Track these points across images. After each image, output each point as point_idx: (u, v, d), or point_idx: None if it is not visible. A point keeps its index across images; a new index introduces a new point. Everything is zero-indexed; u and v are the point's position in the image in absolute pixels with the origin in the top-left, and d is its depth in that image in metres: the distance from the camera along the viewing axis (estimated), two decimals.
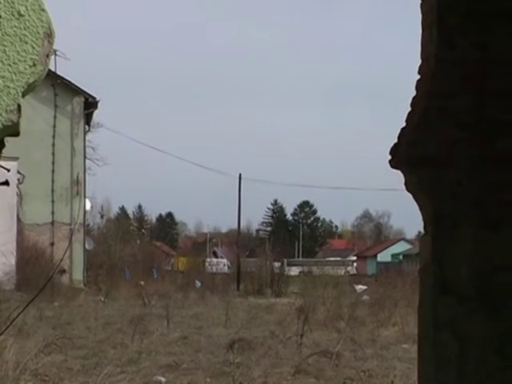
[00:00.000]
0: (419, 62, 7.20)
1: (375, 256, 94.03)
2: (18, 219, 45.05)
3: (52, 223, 49.23)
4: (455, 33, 6.84)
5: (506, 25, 6.76)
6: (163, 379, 18.42)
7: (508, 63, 6.73)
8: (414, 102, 7.05)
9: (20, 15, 3.67)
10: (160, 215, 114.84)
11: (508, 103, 6.72)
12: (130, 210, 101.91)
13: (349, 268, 77.62)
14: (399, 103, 7.36)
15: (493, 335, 6.74)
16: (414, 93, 7.09)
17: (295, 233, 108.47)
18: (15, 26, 3.67)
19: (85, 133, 52.16)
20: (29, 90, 3.73)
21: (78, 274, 47.86)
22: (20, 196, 44.93)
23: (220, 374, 18.94)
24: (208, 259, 74.55)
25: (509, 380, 6.66)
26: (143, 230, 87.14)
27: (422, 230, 7.36)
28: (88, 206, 55.52)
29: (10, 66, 3.67)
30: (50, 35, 3.70)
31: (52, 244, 47.51)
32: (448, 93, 6.82)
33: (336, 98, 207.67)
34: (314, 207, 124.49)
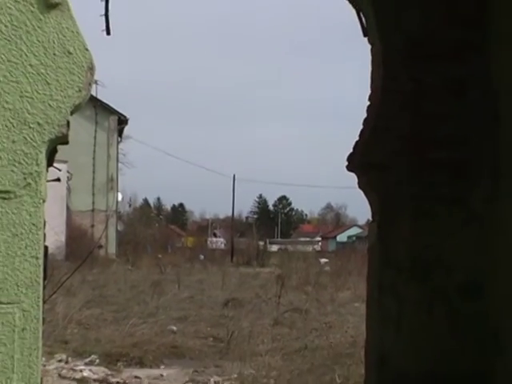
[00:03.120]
0: (369, 91, 7.22)
1: (335, 237, 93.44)
2: (67, 207, 44.97)
3: (92, 210, 49.07)
4: (397, 70, 6.82)
5: (435, 64, 6.77)
6: (175, 328, 18.39)
7: (435, 93, 6.74)
8: (365, 122, 7.04)
9: (69, 53, 3.65)
10: (174, 205, 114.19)
11: (435, 123, 6.74)
12: (151, 201, 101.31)
13: (315, 246, 77.05)
14: (354, 122, 7.37)
15: (423, 298, 6.74)
16: (365, 115, 7.11)
17: (275, 219, 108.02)
18: (66, 62, 3.65)
19: (117, 143, 51.93)
20: (75, 109, 3.71)
21: (112, 249, 47.68)
22: (68, 189, 44.77)
23: (218, 325, 18.93)
24: (209, 238, 74.04)
25: (434, 332, 6.68)
26: (161, 216, 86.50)
27: (371, 218, 7.39)
28: (119, 197, 55.18)
29: (61, 91, 3.65)
30: (91, 68, 3.67)
31: (92, 226, 47.34)
32: (391, 115, 6.81)
33: (308, 116, 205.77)
34: (290, 200, 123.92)
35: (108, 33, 7.48)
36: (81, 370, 13.59)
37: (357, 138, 7.03)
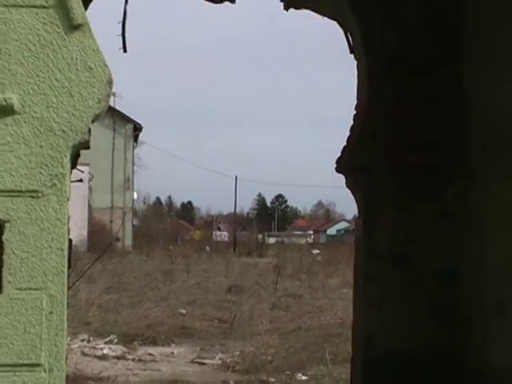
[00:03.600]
0: (355, 102, 7.23)
1: (325, 231, 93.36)
2: (89, 204, 44.99)
3: (111, 207, 49.05)
4: (380, 83, 6.81)
5: (413, 78, 6.77)
6: (184, 311, 18.41)
7: (414, 104, 6.74)
8: (352, 129, 7.05)
9: (90, 69, 3.65)
10: (183, 203, 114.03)
11: (414, 130, 6.73)
12: (163, 199, 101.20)
13: (308, 239, 76.89)
14: (342, 130, 7.38)
15: (403, 285, 6.72)
16: (351, 123, 7.12)
17: (272, 215, 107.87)
18: (87, 76, 3.65)
19: (133, 148, 51.93)
20: (96, 118, 3.71)
21: (128, 241, 47.66)
22: (90, 189, 44.77)
23: (222, 308, 18.96)
24: (214, 232, 73.98)
25: (413, 315, 6.69)
26: (171, 213, 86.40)
27: (357, 214, 7.40)
28: (135, 196, 55.22)
29: (83, 102, 3.65)
30: (110, 82, 3.67)
31: (111, 221, 47.27)
32: (375, 123, 6.81)
33: (302, 125, 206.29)
34: (285, 198, 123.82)
35: (125, 51, 7.50)
36: (101, 348, 13.62)
37: (344, 144, 7.05)
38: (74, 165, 4.03)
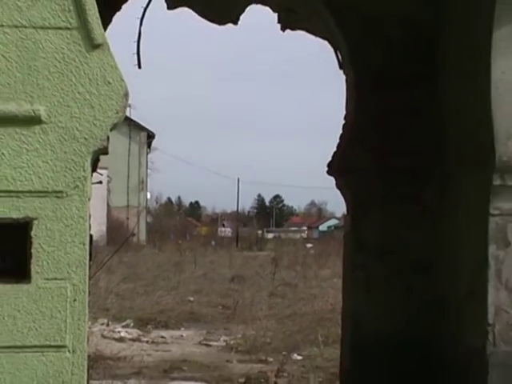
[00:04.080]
0: (344, 112, 7.23)
1: (317, 227, 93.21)
2: (107, 204, 44.98)
3: (127, 206, 48.97)
4: (366, 95, 6.81)
5: (396, 91, 6.76)
6: (192, 298, 18.40)
7: (396, 114, 6.72)
8: (342, 136, 7.04)
9: (109, 83, 3.64)
10: (191, 202, 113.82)
11: (397, 137, 6.74)
12: (173, 199, 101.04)
13: (302, 234, 76.78)
14: (331, 137, 7.38)
15: (386, 274, 6.69)
16: (341, 131, 7.13)
17: (270, 213, 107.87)
18: (106, 90, 3.65)
19: (147, 153, 51.89)
20: (114, 127, 3.70)
21: (142, 236, 47.57)
22: (108, 190, 44.75)
23: (226, 296, 18.96)
24: (219, 228, 73.88)
25: (395, 300, 6.68)
26: (181, 211, 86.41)
27: (346, 212, 7.40)
28: (148, 196, 55.22)
29: (102, 113, 3.64)
30: (126, 95, 3.66)
31: (127, 218, 47.19)
32: (362, 131, 6.80)
33: (297, 131, 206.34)
34: (282, 198, 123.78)
35: (139, 67, 7.52)
36: (119, 332, 13.64)
37: (334, 149, 7.06)
38: (94, 168, 4.04)
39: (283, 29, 7.67)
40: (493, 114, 5.84)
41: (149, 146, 52.30)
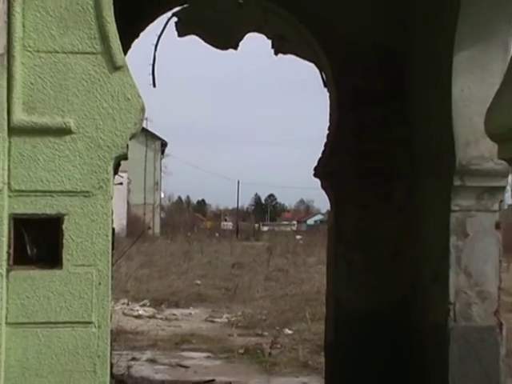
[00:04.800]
0: (328, 124, 7.22)
1: (305, 221, 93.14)
2: (127, 202, 44.89)
3: (144, 204, 48.83)
4: (347, 110, 6.78)
5: (371, 107, 6.75)
6: (199, 282, 18.38)
7: (372, 126, 6.69)
8: (326, 144, 7.00)
9: (128, 99, 3.63)
10: (198, 200, 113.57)
11: (372, 145, 6.71)
12: (183, 198, 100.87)
13: (292, 227, 76.68)
14: (316, 146, 7.38)
15: (363, 262, 6.68)
16: (325, 140, 7.12)
17: (265, 209, 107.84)
18: (126, 105, 3.63)
19: (160, 159, 51.80)
20: (132, 137, 3.69)
21: (157, 230, 47.41)
22: (128, 190, 44.67)
23: (228, 280, 18.91)
24: (222, 222, 73.86)
25: (372, 284, 6.68)
26: (189, 208, 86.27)
27: (329, 209, 7.41)
28: (162, 195, 55.12)
29: (123, 125, 3.63)
30: (143, 109, 3.65)
31: (144, 214, 47.11)
32: (343, 139, 6.82)
33: (289, 141, 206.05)
34: (275, 196, 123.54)
35: (154, 86, 7.52)
36: (137, 310, 13.62)
37: (319, 156, 7.06)
38: (115, 171, 4.04)
39: (276, 53, 7.68)
40: (453, 126, 5.86)
41: (162, 152, 52.25)
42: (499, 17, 5.71)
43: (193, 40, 7.45)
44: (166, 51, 8.15)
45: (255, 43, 8.00)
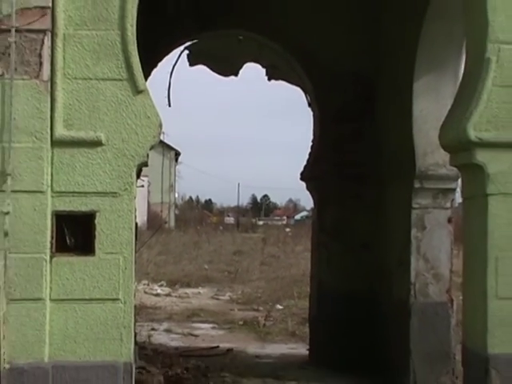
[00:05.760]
0: (312, 137, 7.22)
1: (293, 217, 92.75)
2: (148, 201, 44.71)
3: (161, 202, 48.49)
4: (328, 126, 6.78)
5: (347, 122, 6.69)
6: (207, 266, 18.31)
7: (348, 138, 6.68)
8: (310, 154, 6.97)
9: (148, 117, 3.64)
10: (205, 200, 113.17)
11: (348, 154, 6.68)
12: (194, 197, 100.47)
13: (283, 222, 76.47)
14: (303, 155, 7.38)
15: (340, 250, 6.67)
16: (309, 150, 7.12)
17: (261, 207, 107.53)
18: (146, 122, 3.65)
19: (175, 166, 51.62)
20: (151, 148, 3.71)
21: (172, 224, 47.16)
22: (148, 191, 44.48)
23: (230, 264, 18.78)
24: (225, 218, 73.67)
25: (348, 268, 6.63)
26: (198, 206, 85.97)
27: (313, 206, 7.38)
28: (176, 195, 54.94)
29: (144, 138, 3.65)
30: (160, 125, 3.67)
31: (161, 211, 46.74)
32: (325, 150, 6.77)
33: (278, 151, 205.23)
34: (269, 196, 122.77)
35: (169, 105, 7.51)
36: (156, 289, 13.60)
37: (305, 163, 7.06)
38: (138, 176, 4.05)
39: (269, 79, 7.69)
40: (414, 139, 5.88)
41: (176, 160, 51.99)
42: (450, 50, 5.74)
43: (201, 69, 7.46)
44: (180, 77, 8.16)
45: (252, 71, 8.01)
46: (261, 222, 66.20)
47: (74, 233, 3.63)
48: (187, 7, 6.52)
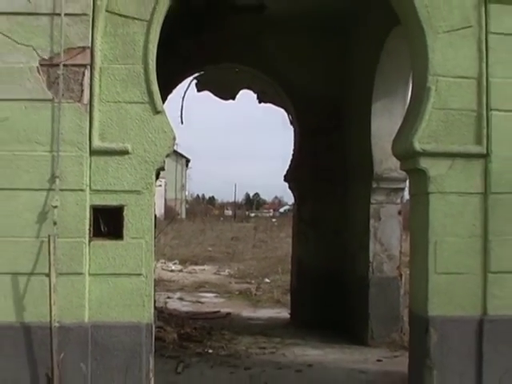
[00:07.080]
0: (293, 147, 7.17)
1: (279, 210, 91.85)
2: (164, 197, 44.38)
3: (175, 199, 48.13)
4: (306, 139, 6.73)
5: (321, 137, 6.65)
6: (210, 248, 18.27)
7: (322, 149, 6.63)
8: (291, 161, 6.94)
9: (165, 132, 3.64)
10: (209, 197, 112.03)
11: (323, 161, 6.62)
12: (200, 195, 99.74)
13: (270, 214, 75.96)
14: (286, 162, 7.33)
15: (316, 236, 6.63)
16: (291, 158, 7.06)
17: (253, 202, 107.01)
18: (163, 135, 3.63)
19: (186, 170, 51.34)
20: (167, 156, 3.71)
21: (183, 215, 46.79)
22: (165, 190, 44.08)
23: (228, 247, 18.70)
24: (225, 211, 73.15)
25: (323, 250, 6.60)
26: (204, 201, 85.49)
27: (294, 202, 7.37)
28: (187, 193, 54.60)
29: (161, 148, 3.64)
30: (174, 138, 3.65)
31: (175, 205, 46.44)
32: (303, 158, 6.73)
33: (270, 158, 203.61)
34: (259, 194, 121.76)
35: (182, 123, 7.53)
36: (170, 266, 13.60)
37: (287, 168, 7.06)
38: (157, 178, 4.06)
39: (260, 102, 7.70)
40: (372, 149, 5.92)
41: (187, 165, 51.77)
42: (400, 81, 5.79)
43: (207, 94, 7.48)
44: (190, 101, 8.16)
45: (247, 95, 8.03)
46: (252, 214, 65.84)
47: (107, 222, 3.63)
48: (195, 47, 6.54)
